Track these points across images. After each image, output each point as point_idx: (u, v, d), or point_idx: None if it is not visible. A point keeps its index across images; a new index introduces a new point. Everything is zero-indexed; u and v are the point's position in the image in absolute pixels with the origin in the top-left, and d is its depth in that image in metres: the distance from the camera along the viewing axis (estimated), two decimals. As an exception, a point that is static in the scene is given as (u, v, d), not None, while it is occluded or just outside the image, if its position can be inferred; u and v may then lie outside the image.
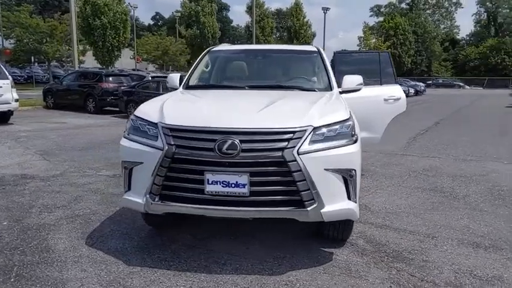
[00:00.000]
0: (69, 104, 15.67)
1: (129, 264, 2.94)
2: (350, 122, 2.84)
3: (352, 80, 3.89)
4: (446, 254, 3.14)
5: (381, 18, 66.34)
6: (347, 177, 2.72)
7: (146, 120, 2.92)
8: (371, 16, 72.42)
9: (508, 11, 63.44)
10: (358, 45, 52.82)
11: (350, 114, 2.95)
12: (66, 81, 16.19)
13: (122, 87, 14.54)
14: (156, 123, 2.84)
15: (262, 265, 2.95)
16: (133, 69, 30.14)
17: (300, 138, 2.62)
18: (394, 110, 5.21)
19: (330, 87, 3.85)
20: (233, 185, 2.59)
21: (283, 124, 2.67)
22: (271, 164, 2.58)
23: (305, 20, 40.10)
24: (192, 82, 4.11)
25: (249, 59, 4.42)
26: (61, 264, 2.92)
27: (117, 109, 14.43)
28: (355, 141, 2.80)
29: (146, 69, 42.46)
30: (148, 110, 3.05)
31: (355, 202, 2.81)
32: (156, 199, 2.75)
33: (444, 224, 3.77)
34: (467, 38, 69.14)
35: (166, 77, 18.35)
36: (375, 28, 58.97)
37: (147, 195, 2.77)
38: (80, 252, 3.14)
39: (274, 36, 42.39)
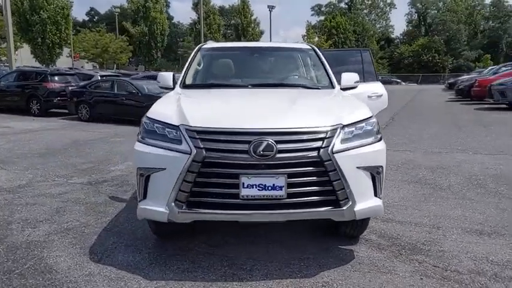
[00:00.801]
0: (9, 107, 14.33)
1: (150, 279, 2.71)
2: (374, 120, 2.85)
3: (349, 77, 3.92)
4: (457, 243, 3.28)
5: (322, 17, 68.54)
6: (375, 174, 2.74)
7: (164, 122, 2.71)
8: (312, 15, 74.56)
9: (436, 12, 68.64)
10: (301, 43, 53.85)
11: None
12: (4, 82, 14.76)
13: (70, 87, 13.58)
14: (177, 126, 2.64)
15: (290, 268, 2.88)
16: (70, 68, 28.19)
17: (333, 137, 2.58)
18: (377, 107, 5.35)
19: (331, 85, 3.86)
20: (270, 188, 2.49)
21: (317, 123, 2.61)
22: (308, 165, 2.51)
23: (252, 17, 40.29)
24: (188, 81, 3.91)
25: (246, 56, 4.29)
26: (73, 286, 2.63)
27: (66, 111, 13.47)
28: (381, 139, 2.82)
29: (82, 67, 39.84)
30: (164, 111, 2.84)
31: (380, 199, 2.83)
32: (184, 207, 2.56)
33: (442, 214, 3.95)
34: (401, 37, 73.69)
35: (118, 75, 17.48)
36: (317, 27, 60.76)
37: (172, 204, 2.57)
38: (88, 270, 2.85)
39: (221, 33, 42.09)
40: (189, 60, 4.08)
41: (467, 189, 4.73)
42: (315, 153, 2.51)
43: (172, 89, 3.93)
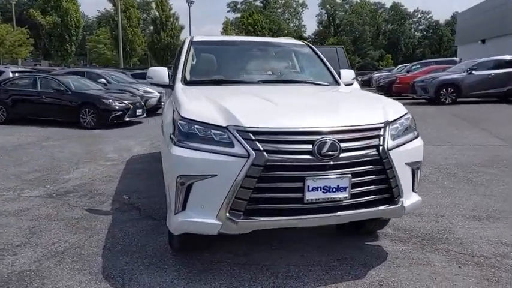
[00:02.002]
0: None
1: (197, 300, 2.41)
2: (410, 115, 2.88)
3: (348, 74, 3.94)
4: (466, 229, 3.49)
5: (238, 15, 69.11)
6: (415, 169, 2.76)
7: (207, 123, 2.41)
8: (228, 11, 74.75)
9: (343, 13, 73.67)
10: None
11: None
12: None
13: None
14: (225, 127, 2.36)
15: (336, 270, 2.78)
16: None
17: (386, 133, 2.54)
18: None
19: (336, 82, 3.83)
20: (334, 190, 2.35)
21: (371, 120, 2.54)
22: (370, 163, 2.43)
23: (171, 11, 38.84)
24: (189, 77, 3.56)
25: (244, 51, 4.04)
26: (112, 320, 2.21)
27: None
28: (419, 134, 2.86)
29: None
30: (202, 110, 2.51)
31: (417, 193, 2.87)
32: (241, 216, 2.30)
33: (435, 203, 4.18)
34: (313, 37, 77.62)
35: (40, 70, 15.59)
36: (234, 24, 61.11)
37: (226, 214, 2.30)
38: (116, 299, 2.43)
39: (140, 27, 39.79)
40: (184, 54, 3.71)
41: (442, 178, 5.10)
42: (374, 151, 2.44)
43: (169, 86, 3.56)
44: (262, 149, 2.27)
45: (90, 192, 4.67)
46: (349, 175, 2.37)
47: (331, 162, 2.33)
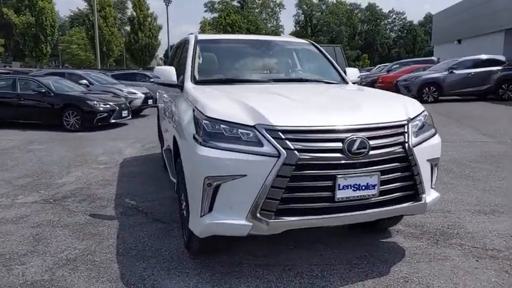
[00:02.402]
0: None
1: (227, 304, 2.35)
2: (427, 112, 2.91)
3: (353, 72, 3.98)
4: (475, 223, 3.57)
5: (216, 14, 68.76)
6: (434, 166, 2.79)
7: (234, 122, 2.36)
8: (205, 11, 74.25)
9: (320, 14, 74.47)
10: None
11: None
12: None
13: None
14: (252, 126, 2.32)
15: (359, 267, 2.79)
16: None
17: (409, 130, 2.55)
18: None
19: (343, 80, 3.84)
20: (363, 187, 2.35)
21: (395, 117, 2.55)
22: (397, 160, 2.45)
23: (149, 11, 38.10)
24: (199, 77, 3.49)
25: (251, 50, 3.99)
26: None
27: None
28: (436, 131, 2.89)
29: None
30: (228, 110, 2.46)
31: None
32: (273, 216, 2.27)
33: (440, 199, 4.24)
34: (290, 37, 78.21)
35: (17, 72, 15.11)
36: (212, 24, 60.76)
37: (257, 214, 2.26)
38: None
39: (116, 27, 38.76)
40: (191, 53, 3.63)
41: (441, 174, 5.19)
42: (401, 148, 2.46)
43: (176, 85, 3.48)
44: (293, 147, 2.24)
45: (89, 196, 4.52)
46: (378, 172, 2.37)
47: (361, 160, 2.32)
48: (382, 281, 2.60)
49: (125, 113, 10.64)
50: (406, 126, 2.54)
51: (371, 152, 2.35)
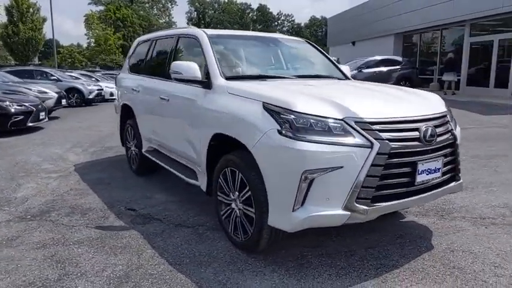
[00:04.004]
0: None
1: (327, 294, 2.41)
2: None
3: (347, 69, 4.30)
4: (461, 198, 4.15)
5: (101, 7, 63.96)
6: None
7: (324, 116, 2.43)
8: (89, 4, 68.41)
9: (212, 12, 74.87)
10: (86, 34, 49.66)
11: None
12: None
13: None
14: (341, 119, 2.42)
15: (407, 246, 3.08)
16: None
17: (450, 119, 2.94)
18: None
19: (345, 76, 4.12)
20: (433, 171, 2.65)
21: (441, 108, 2.91)
22: (450, 146, 2.80)
23: (31, 1, 33.23)
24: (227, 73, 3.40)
25: (265, 46, 4.02)
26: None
27: None
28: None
29: None
30: (313, 104, 2.50)
31: None
32: (369, 204, 2.41)
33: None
34: (184, 34, 76.95)
35: None
36: (100, 18, 56.38)
37: (354, 203, 2.38)
38: None
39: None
40: (209, 49, 3.49)
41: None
42: (451, 135, 2.82)
43: (201, 81, 3.35)
44: (384, 138, 2.41)
45: (74, 208, 4.00)
46: (442, 157, 2.69)
47: (432, 147, 2.61)
48: (435, 253, 2.94)
49: (42, 115, 9.42)
50: (448, 116, 2.91)
51: (437, 139, 2.65)
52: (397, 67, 14.99)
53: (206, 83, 3.35)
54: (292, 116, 2.43)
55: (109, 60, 48.49)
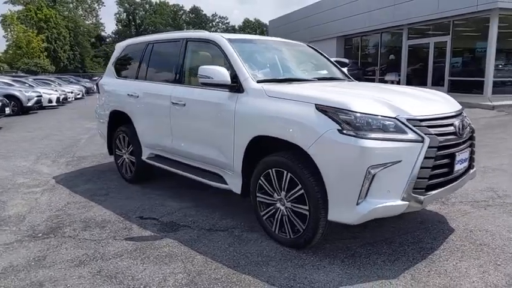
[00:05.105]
0: None
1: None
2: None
3: (345, 71, 4.60)
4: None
5: (20, 7, 58.85)
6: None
7: (380, 115, 2.64)
8: (5, 3, 62.51)
9: (143, 13, 72.48)
10: (4, 36, 45.42)
11: None
12: None
13: None
14: (394, 117, 2.65)
15: (431, 230, 3.41)
16: None
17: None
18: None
19: (347, 77, 4.40)
20: (463, 161, 2.99)
21: (459, 105, 3.27)
22: (470, 138, 3.17)
23: None
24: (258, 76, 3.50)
25: (281, 51, 4.13)
26: None
27: None
28: None
29: None
30: (369, 105, 2.71)
31: None
32: (424, 193, 2.67)
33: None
34: (114, 36, 73.55)
35: None
36: (20, 18, 51.81)
37: (410, 193, 2.62)
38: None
39: None
40: (234, 53, 3.54)
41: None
42: (470, 128, 3.19)
43: (229, 86, 3.39)
44: (433, 133, 2.68)
45: (86, 222, 3.78)
46: (469, 148, 3.04)
47: (463, 139, 2.95)
48: (459, 234, 3.30)
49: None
50: (463, 111, 3.30)
51: (466, 133, 3.00)
52: (345, 68, 15.87)
53: (235, 87, 3.39)
54: (352, 116, 2.61)
55: (32, 64, 44.86)
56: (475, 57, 15.08)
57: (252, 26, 77.53)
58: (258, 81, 3.37)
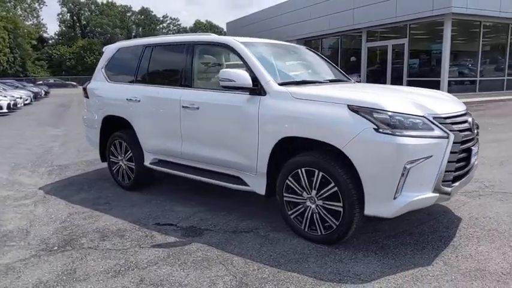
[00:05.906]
0: None
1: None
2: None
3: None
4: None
5: None
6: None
7: (410, 114, 2.85)
8: None
9: (89, 14, 69.39)
10: None
11: None
12: None
13: None
14: (422, 116, 2.86)
15: (445, 221, 3.68)
16: None
17: None
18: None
19: (348, 78, 4.61)
20: (475, 154, 3.28)
21: (464, 105, 3.58)
22: (477, 134, 3.47)
23: None
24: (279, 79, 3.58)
25: (291, 53, 4.22)
26: None
27: None
28: None
29: None
30: (400, 104, 2.90)
31: None
32: (451, 185, 2.90)
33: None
34: (57, 37, 69.71)
35: None
36: None
37: (440, 186, 2.84)
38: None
39: None
40: (252, 57, 3.59)
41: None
42: (476, 124, 3.49)
43: (250, 88, 3.45)
44: (456, 129, 2.93)
45: (101, 232, 3.65)
46: (478, 143, 3.34)
47: (474, 135, 3.24)
48: (468, 221, 3.60)
49: None
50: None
51: (475, 129, 3.30)
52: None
53: (256, 90, 3.45)
54: (386, 115, 2.78)
55: (-33, 68, 41.32)
56: (431, 59, 16.19)
57: (203, 28, 76.98)
58: (281, 84, 3.45)
